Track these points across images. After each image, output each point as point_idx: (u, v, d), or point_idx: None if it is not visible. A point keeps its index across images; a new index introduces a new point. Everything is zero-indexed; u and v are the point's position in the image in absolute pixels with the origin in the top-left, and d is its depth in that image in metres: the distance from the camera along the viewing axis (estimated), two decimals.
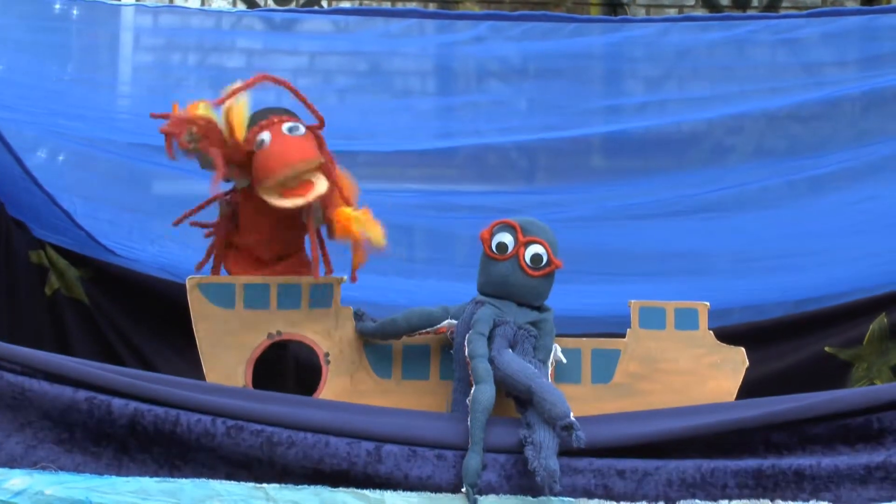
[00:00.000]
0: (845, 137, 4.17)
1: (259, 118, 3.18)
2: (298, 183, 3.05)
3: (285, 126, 3.14)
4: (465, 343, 2.89)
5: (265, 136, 3.11)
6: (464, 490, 2.56)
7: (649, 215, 4.20)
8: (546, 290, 3.06)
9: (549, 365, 3.00)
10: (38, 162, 3.92)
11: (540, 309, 3.05)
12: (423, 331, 3.07)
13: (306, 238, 3.21)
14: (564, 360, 3.05)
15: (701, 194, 4.17)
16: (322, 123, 3.18)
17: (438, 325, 3.05)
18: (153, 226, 4.17)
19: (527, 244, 3.03)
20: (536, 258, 3.02)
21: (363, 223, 3.10)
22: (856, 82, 4.15)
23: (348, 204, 3.16)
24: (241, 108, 3.12)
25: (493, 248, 3.04)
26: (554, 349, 3.02)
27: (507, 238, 3.04)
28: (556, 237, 3.08)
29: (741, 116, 4.21)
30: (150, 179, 4.29)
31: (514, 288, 3.01)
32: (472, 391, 2.75)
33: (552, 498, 2.52)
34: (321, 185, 3.07)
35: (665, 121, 4.21)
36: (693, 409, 2.78)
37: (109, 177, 4.23)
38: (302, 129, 3.16)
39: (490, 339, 2.89)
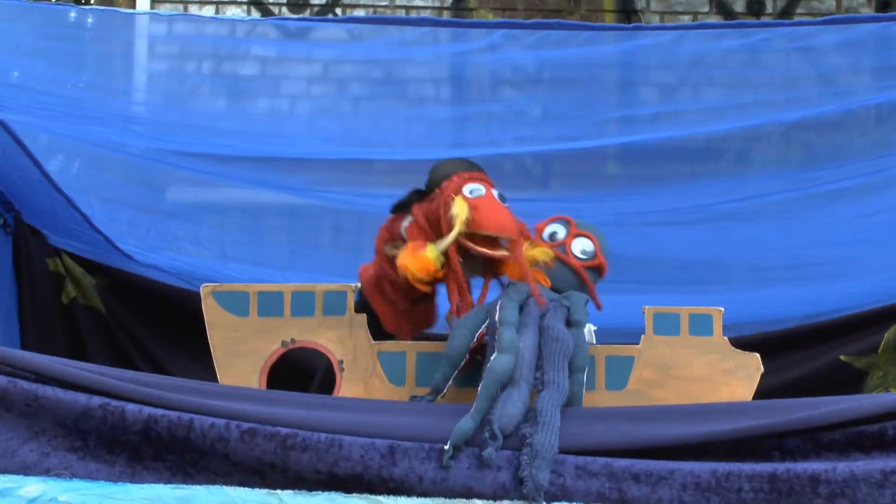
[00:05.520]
0: (862, 148, 4.15)
1: (460, 167, 3.13)
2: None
3: (495, 191, 3.10)
4: (497, 309, 2.84)
5: (479, 188, 3.07)
6: (445, 447, 2.49)
7: (664, 223, 4.19)
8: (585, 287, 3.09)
9: (587, 334, 2.98)
10: (54, 167, 3.93)
11: None
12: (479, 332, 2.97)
13: None
14: (595, 342, 3.05)
15: (717, 204, 4.16)
16: None
17: (486, 323, 2.96)
18: (170, 227, 4.18)
19: (577, 236, 3.11)
20: (584, 250, 3.09)
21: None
22: (872, 93, 4.13)
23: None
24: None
25: (545, 237, 3.12)
26: (588, 328, 3.00)
27: (559, 228, 3.14)
28: (607, 244, 3.14)
29: (757, 127, 4.20)
30: (165, 183, 4.30)
31: (555, 273, 3.05)
32: (491, 358, 2.69)
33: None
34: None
35: (680, 132, 4.20)
36: (709, 408, 2.76)
37: (126, 178, 4.24)
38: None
39: (521, 309, 2.85)
